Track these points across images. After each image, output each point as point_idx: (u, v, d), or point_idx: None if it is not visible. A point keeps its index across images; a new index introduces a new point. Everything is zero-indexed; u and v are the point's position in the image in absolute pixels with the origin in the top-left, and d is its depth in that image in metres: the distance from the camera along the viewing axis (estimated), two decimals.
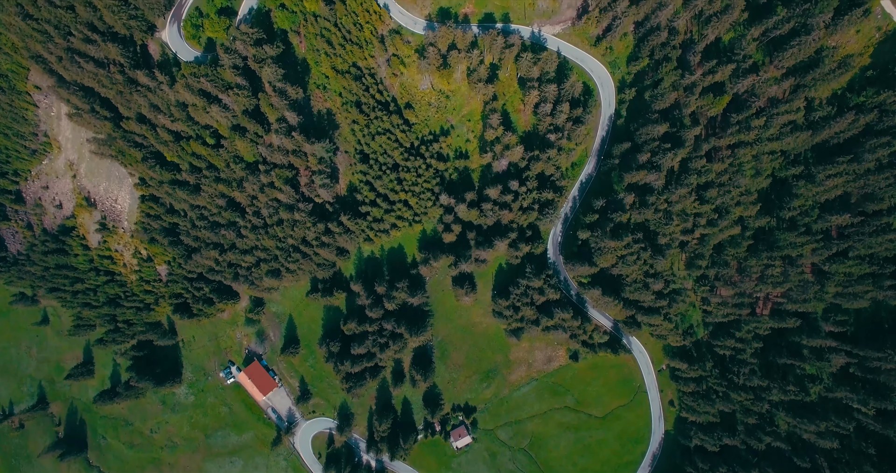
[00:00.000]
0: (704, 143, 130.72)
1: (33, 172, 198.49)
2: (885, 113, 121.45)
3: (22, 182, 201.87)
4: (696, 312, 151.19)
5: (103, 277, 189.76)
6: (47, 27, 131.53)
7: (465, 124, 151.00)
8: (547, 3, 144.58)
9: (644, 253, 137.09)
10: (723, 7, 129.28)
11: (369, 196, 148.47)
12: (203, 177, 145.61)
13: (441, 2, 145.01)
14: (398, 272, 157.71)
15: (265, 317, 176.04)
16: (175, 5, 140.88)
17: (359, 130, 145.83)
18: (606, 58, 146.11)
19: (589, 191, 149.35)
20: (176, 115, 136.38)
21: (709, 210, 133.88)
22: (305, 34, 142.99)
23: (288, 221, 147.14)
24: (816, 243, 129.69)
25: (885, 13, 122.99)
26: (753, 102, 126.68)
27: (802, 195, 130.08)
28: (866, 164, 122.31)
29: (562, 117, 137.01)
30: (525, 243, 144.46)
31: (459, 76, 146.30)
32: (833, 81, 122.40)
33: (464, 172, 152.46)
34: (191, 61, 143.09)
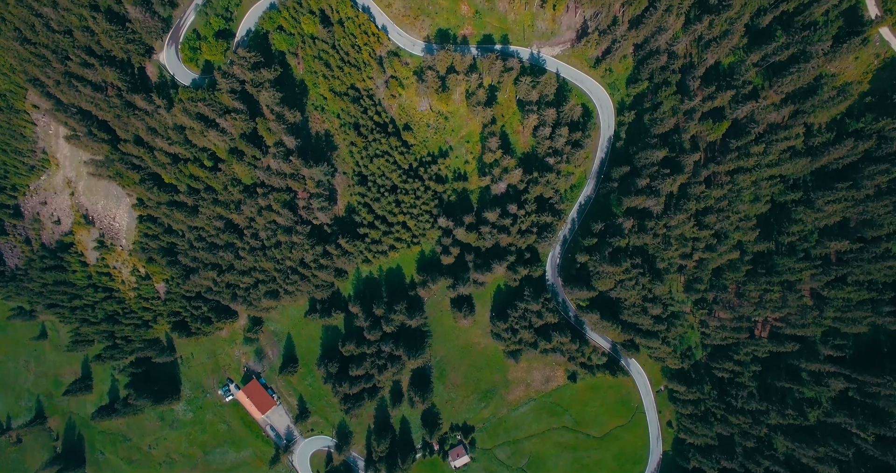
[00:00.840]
0: (703, 168, 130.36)
1: (31, 187, 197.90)
2: (884, 140, 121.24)
3: (20, 197, 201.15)
4: (695, 334, 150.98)
5: (101, 293, 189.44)
6: (45, 52, 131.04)
7: (464, 146, 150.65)
8: (546, 24, 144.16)
9: (643, 278, 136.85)
10: (722, 32, 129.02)
11: (367, 218, 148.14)
12: (201, 199, 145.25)
13: (440, 23, 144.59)
14: (396, 293, 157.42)
15: (263, 335, 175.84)
16: (172, 28, 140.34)
17: (357, 151, 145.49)
18: (606, 79, 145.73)
19: (588, 213, 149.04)
20: (173, 138, 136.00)
21: (707, 235, 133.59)
22: (303, 56, 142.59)
23: (286, 243, 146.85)
24: (815, 268, 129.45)
25: (884, 40, 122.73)
26: (753, 127, 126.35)
27: (801, 221, 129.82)
28: (865, 190, 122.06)
29: (561, 141, 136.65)
30: (523, 266, 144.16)
31: (458, 98, 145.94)
32: (832, 109, 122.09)
33: (462, 194, 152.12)
34: (188, 84, 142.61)
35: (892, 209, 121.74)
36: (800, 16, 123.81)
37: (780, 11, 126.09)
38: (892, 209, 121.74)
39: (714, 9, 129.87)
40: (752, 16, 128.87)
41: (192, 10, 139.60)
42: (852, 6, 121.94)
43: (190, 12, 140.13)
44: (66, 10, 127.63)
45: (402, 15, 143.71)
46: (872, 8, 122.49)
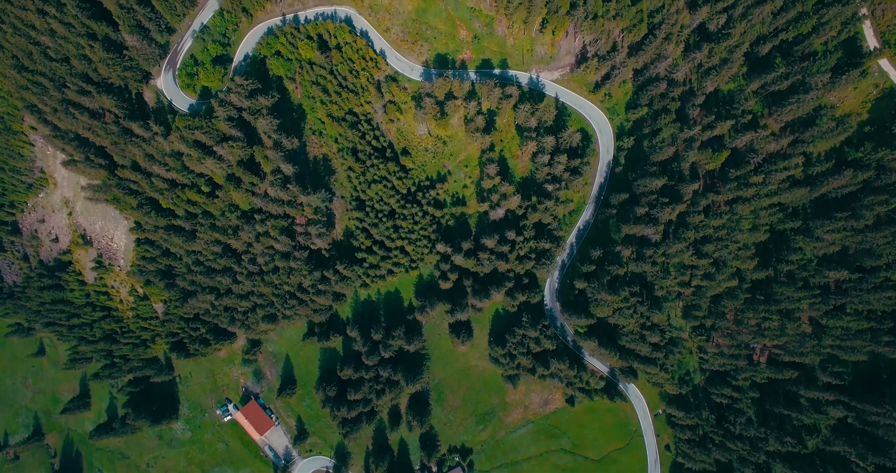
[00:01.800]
0: (702, 198, 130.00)
1: (29, 204, 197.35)
2: (883, 170, 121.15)
3: (18, 213, 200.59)
4: (693, 358, 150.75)
5: (99, 312, 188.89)
6: (42, 80, 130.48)
7: (463, 170, 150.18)
8: (545, 49, 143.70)
9: (641, 307, 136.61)
10: (721, 60, 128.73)
11: (365, 243, 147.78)
12: (199, 224, 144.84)
13: (438, 48, 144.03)
14: (395, 317, 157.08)
15: (262, 356, 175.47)
16: (170, 53, 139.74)
17: (355, 177, 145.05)
18: (605, 104, 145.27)
19: (586, 238, 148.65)
20: (170, 164, 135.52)
21: (706, 264, 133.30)
22: (301, 81, 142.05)
23: (284, 268, 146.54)
24: (814, 297, 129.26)
25: (882, 71, 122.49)
26: (752, 157, 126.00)
27: (800, 249, 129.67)
28: (864, 221, 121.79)
29: (559, 168, 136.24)
30: (522, 292, 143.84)
31: (457, 122, 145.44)
32: (831, 140, 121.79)
33: (461, 218, 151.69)
34: (185, 110, 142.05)
35: (891, 240, 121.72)
36: (799, 45, 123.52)
37: (779, 40, 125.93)
38: (891, 240, 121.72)
39: (714, 37, 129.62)
40: (751, 44, 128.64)
41: (190, 36, 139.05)
42: (851, 37, 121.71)
43: (187, 38, 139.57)
44: (64, 38, 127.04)
45: (401, 40, 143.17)
46: (871, 39, 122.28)
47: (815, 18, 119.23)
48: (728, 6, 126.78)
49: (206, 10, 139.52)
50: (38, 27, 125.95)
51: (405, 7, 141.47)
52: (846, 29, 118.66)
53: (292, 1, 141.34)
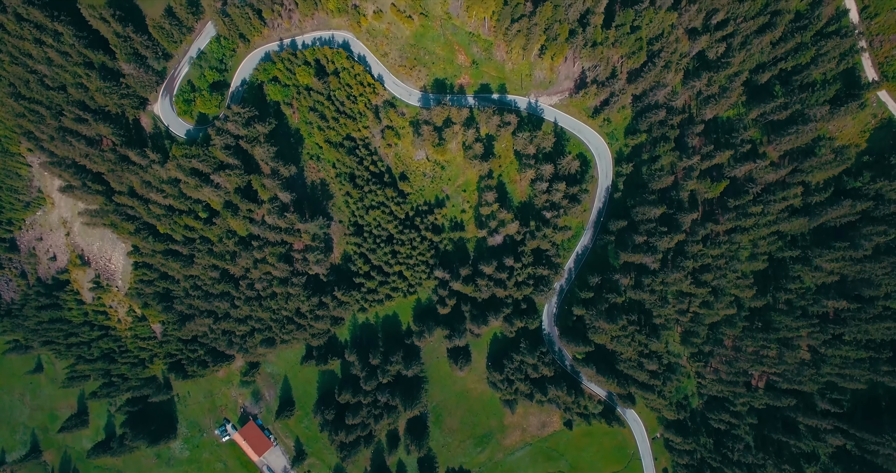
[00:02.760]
0: (701, 227, 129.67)
1: (27, 222, 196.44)
2: (882, 201, 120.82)
3: (16, 231, 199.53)
4: (691, 382, 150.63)
5: (97, 332, 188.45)
6: (39, 108, 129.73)
7: (461, 194, 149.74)
8: (544, 73, 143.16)
9: (639, 335, 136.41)
10: (721, 89, 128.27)
11: (363, 268, 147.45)
12: (196, 249, 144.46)
13: (436, 73, 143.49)
14: (393, 340, 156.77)
15: (260, 377, 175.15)
16: (167, 79, 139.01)
17: (353, 202, 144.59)
18: (604, 129, 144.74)
19: (585, 264, 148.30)
20: (168, 191, 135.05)
21: (704, 293, 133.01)
22: (298, 107, 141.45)
23: (282, 294, 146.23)
24: (812, 326, 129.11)
25: (881, 101, 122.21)
26: (751, 187, 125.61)
27: (799, 278, 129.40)
28: (863, 251, 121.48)
29: (558, 195, 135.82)
30: (520, 318, 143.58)
31: (455, 147, 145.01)
32: (829, 170, 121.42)
33: (459, 243, 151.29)
34: (183, 135, 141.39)
35: (890, 270, 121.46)
36: (798, 75, 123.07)
37: (778, 69, 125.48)
38: (890, 270, 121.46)
39: (713, 65, 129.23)
40: (750, 72, 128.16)
41: (187, 62, 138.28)
42: (850, 68, 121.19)
43: (184, 64, 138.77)
44: (60, 67, 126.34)
45: (399, 65, 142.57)
46: (869, 69, 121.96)
47: (814, 50, 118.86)
48: (727, 35, 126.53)
49: (203, 35, 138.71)
50: (36, 56, 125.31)
51: (403, 32, 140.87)
52: (845, 60, 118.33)
53: (290, 26, 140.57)
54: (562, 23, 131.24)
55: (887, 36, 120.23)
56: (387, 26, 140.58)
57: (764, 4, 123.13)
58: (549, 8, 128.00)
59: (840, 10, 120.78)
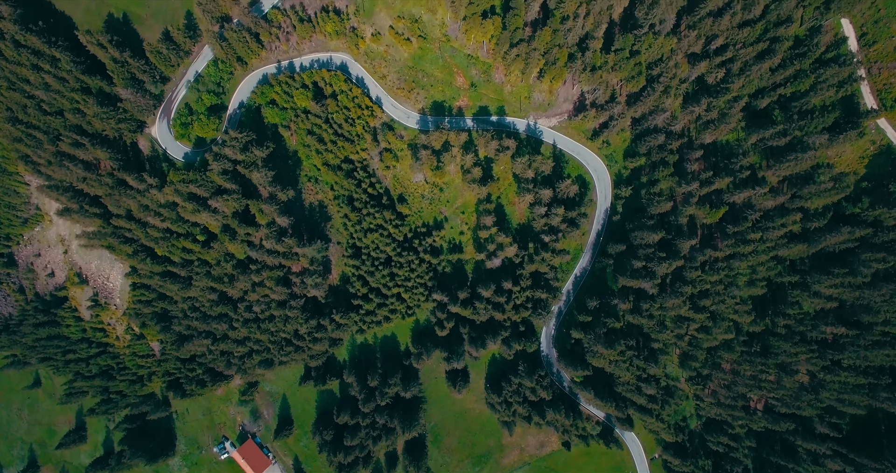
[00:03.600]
0: (700, 254, 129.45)
1: (25, 237, 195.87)
2: (881, 228, 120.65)
3: (14, 246, 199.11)
4: (690, 404, 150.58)
5: (95, 349, 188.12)
6: (36, 133, 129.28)
7: (459, 216, 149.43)
8: (543, 95, 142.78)
9: (637, 360, 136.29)
10: (720, 114, 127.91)
11: (361, 290, 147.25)
12: (194, 272, 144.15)
13: (435, 96, 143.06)
14: (391, 361, 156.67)
15: (259, 396, 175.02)
16: (164, 101, 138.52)
17: (351, 225, 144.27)
18: (603, 151, 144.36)
19: (583, 286, 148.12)
20: (165, 215, 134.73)
21: (703, 318, 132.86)
22: (296, 130, 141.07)
23: (280, 316, 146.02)
24: (811, 352, 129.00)
25: (879, 128, 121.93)
26: (750, 214, 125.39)
27: (798, 304, 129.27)
28: (862, 278, 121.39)
29: (556, 220, 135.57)
30: (518, 341, 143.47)
31: (454, 169, 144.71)
32: (828, 198, 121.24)
33: (457, 264, 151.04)
34: (180, 158, 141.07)
35: (889, 298, 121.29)
36: (797, 101, 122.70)
37: (777, 95, 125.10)
38: (889, 298, 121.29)
39: (712, 90, 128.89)
40: (750, 96, 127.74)
41: (184, 85, 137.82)
42: (849, 95, 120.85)
43: (181, 87, 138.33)
44: (58, 92, 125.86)
45: (397, 87, 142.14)
46: (868, 96, 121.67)
47: (813, 77, 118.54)
48: (726, 60, 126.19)
49: (200, 58, 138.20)
50: (33, 81, 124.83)
51: (401, 54, 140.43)
52: (843, 88, 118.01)
53: (287, 48, 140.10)
54: (561, 47, 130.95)
55: (885, 63, 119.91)
56: (385, 49, 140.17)
57: (763, 30, 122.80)
58: (547, 33, 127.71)
59: (839, 38, 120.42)
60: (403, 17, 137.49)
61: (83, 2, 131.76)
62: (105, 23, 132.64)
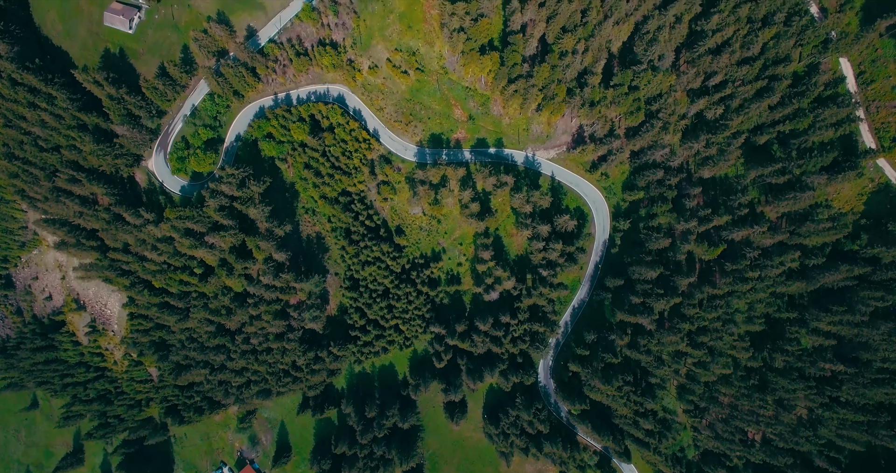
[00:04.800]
0: (698, 291, 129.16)
1: (23, 259, 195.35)
2: (879, 266, 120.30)
3: (11, 268, 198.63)
4: (687, 434, 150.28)
5: (93, 373, 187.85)
6: (33, 170, 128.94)
7: (457, 248, 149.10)
8: (541, 128, 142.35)
9: (635, 396, 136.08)
10: (719, 151, 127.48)
11: (359, 322, 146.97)
12: (192, 305, 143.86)
13: (432, 128, 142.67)
14: (389, 390, 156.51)
15: (257, 422, 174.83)
16: (161, 134, 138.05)
17: (349, 257, 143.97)
18: (602, 183, 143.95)
19: (581, 317, 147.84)
20: (162, 249, 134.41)
21: (701, 354, 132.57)
22: (293, 163, 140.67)
23: (278, 348, 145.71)
24: (809, 388, 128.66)
25: (878, 166, 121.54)
26: (749, 252, 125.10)
27: (797, 340, 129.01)
28: (861, 316, 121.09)
29: (554, 254, 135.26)
30: (516, 374, 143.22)
31: (451, 202, 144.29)
32: (827, 237, 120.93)
33: (455, 295, 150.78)
34: (177, 191, 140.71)
35: (887, 336, 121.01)
36: (796, 139, 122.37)
37: (776, 132, 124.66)
38: (887, 336, 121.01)
39: (711, 126, 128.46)
40: (749, 132, 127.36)
41: (180, 119, 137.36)
42: (847, 134, 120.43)
43: (178, 120, 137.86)
44: (54, 129, 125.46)
45: (394, 120, 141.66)
46: (866, 134, 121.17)
47: (812, 117, 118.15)
48: (725, 96, 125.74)
49: (196, 91, 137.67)
50: (30, 119, 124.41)
51: (399, 87, 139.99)
52: (842, 128, 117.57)
53: (284, 81, 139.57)
54: (559, 83, 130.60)
55: (883, 102, 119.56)
56: (382, 81, 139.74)
57: (761, 68, 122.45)
58: (546, 69, 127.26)
59: (837, 76, 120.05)
60: (401, 49, 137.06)
61: (80, 37, 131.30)
62: (101, 58, 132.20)
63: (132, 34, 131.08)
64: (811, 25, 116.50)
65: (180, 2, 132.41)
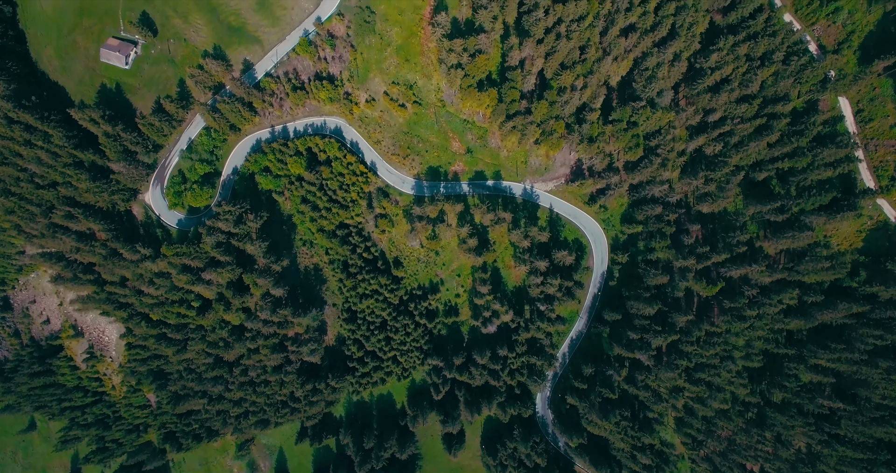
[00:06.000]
0: (696, 329, 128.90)
1: (21, 282, 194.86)
2: (878, 304, 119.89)
3: (9, 290, 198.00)
4: (685, 465, 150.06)
5: (91, 398, 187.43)
6: (29, 207, 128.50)
7: (455, 279, 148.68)
8: (540, 160, 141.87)
9: (632, 430, 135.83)
10: (718, 188, 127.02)
11: (357, 354, 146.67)
12: (190, 337, 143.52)
13: (430, 161, 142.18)
14: (387, 419, 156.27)
15: (255, 448, 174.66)
16: (157, 168, 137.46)
17: (346, 290, 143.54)
18: (600, 215, 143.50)
19: (579, 349, 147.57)
20: (160, 283, 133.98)
21: (699, 390, 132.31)
22: (290, 196, 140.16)
23: (276, 381, 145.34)
24: (807, 425, 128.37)
25: (876, 204, 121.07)
26: (747, 290, 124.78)
27: (795, 377, 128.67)
28: (860, 354, 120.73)
29: (552, 289, 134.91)
30: (513, 406, 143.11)
31: (450, 234, 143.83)
32: (825, 276, 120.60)
33: (453, 326, 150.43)
34: (174, 225, 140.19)
35: (886, 375, 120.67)
36: (795, 177, 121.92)
37: (775, 169, 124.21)
38: (886, 375, 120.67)
39: (710, 162, 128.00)
40: (748, 168, 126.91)
41: (177, 153, 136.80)
42: (846, 173, 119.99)
43: (174, 154, 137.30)
44: (50, 167, 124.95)
45: (392, 153, 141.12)
46: (865, 172, 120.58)
47: (811, 156, 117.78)
48: (724, 133, 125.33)
49: (193, 125, 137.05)
50: (26, 156, 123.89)
51: (396, 120, 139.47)
52: (841, 167, 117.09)
53: (281, 114, 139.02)
54: (557, 119, 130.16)
55: (882, 141, 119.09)
56: (379, 114, 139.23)
57: (760, 105, 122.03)
58: (544, 106, 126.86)
59: (836, 115, 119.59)
60: (398, 82, 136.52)
61: (76, 73, 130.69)
62: (98, 93, 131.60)
63: (128, 69, 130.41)
64: (810, 65, 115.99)
65: (177, 36, 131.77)
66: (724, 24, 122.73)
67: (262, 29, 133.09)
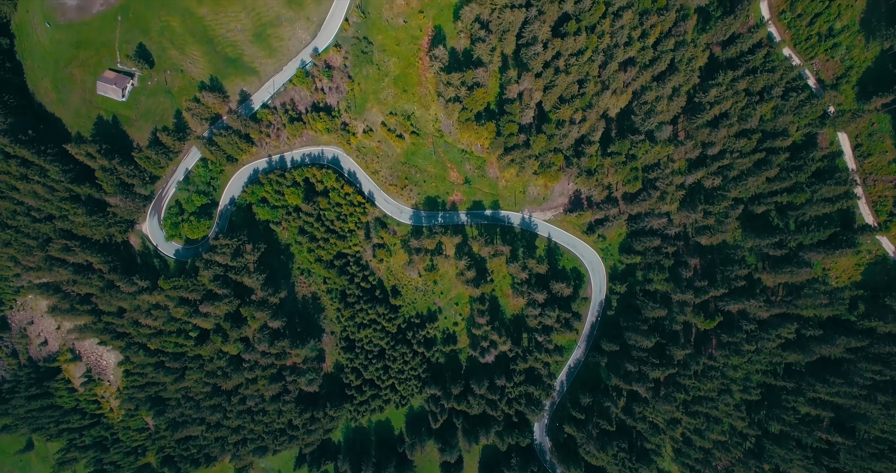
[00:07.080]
0: (694, 362, 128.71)
1: (18, 302, 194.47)
2: (876, 339, 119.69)
3: (7, 310, 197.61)
4: None
5: (88, 420, 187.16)
6: (26, 240, 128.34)
7: (453, 307, 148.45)
8: (538, 190, 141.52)
9: (630, 462, 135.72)
10: (717, 221, 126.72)
11: (355, 382, 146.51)
12: (188, 365, 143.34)
13: (428, 191, 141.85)
14: (385, 446, 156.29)
15: (254, 472, 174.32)
16: (154, 199, 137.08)
17: (344, 319, 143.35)
18: (599, 245, 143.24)
19: (577, 377, 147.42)
20: (157, 315, 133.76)
21: (697, 422, 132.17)
22: (287, 227, 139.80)
23: (274, 410, 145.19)
24: (806, 458, 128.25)
25: (875, 239, 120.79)
26: (745, 325, 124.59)
27: (794, 410, 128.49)
28: (858, 390, 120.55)
29: (550, 320, 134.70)
30: (511, 435, 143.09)
31: (448, 265, 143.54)
32: (823, 312, 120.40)
33: (451, 354, 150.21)
34: (171, 255, 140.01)
35: (885, 410, 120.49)
36: (794, 211, 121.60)
37: (774, 202, 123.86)
38: (885, 410, 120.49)
39: (709, 196, 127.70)
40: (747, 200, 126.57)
41: (174, 184, 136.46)
42: (845, 209, 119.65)
43: (171, 185, 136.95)
44: (47, 201, 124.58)
45: (389, 183, 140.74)
46: (864, 206, 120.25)
47: (810, 191, 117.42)
48: (723, 166, 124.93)
49: (190, 155, 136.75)
50: (22, 190, 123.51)
51: (394, 150, 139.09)
52: (839, 202, 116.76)
53: (278, 144, 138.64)
54: (556, 152, 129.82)
55: (881, 176, 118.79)
56: (377, 144, 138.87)
57: (759, 140, 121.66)
58: (542, 139, 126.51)
59: (834, 150, 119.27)
60: (396, 113, 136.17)
61: (73, 105, 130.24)
62: (94, 124, 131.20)
63: (125, 102, 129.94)
64: (809, 101, 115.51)
65: (173, 67, 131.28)
66: (723, 58, 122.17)
67: (259, 60, 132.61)
